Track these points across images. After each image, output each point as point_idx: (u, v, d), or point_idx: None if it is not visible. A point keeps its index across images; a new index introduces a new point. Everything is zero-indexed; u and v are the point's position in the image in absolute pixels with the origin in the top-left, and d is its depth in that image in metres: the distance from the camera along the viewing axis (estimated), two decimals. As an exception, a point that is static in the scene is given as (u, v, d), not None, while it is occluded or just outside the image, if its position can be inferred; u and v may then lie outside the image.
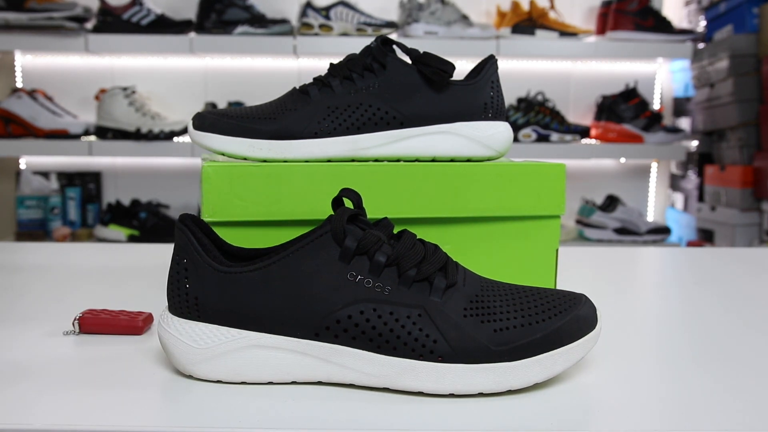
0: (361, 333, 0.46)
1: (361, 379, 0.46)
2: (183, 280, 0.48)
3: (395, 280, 0.46)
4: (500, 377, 0.45)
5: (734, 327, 0.64)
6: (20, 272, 0.86)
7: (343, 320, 0.46)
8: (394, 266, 0.47)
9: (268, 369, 0.47)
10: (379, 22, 2.22)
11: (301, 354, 0.47)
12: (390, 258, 0.46)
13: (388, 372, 0.46)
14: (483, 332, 0.46)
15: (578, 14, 2.51)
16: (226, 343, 0.47)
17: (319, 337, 0.46)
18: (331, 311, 0.46)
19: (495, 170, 0.64)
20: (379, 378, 0.46)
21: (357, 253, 0.46)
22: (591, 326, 0.48)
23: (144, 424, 0.41)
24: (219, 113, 0.61)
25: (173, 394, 0.46)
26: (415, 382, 0.45)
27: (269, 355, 0.47)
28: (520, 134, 2.30)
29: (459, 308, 0.46)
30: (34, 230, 2.35)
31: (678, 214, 2.57)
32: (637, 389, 0.48)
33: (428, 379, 0.45)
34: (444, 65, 0.61)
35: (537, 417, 0.43)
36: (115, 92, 2.23)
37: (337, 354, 0.46)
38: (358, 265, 0.46)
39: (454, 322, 0.46)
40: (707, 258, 1.06)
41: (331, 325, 0.46)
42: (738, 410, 0.44)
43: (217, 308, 0.47)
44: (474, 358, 0.45)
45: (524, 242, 0.66)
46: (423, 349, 0.45)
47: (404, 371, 0.45)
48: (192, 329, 0.48)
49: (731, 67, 2.18)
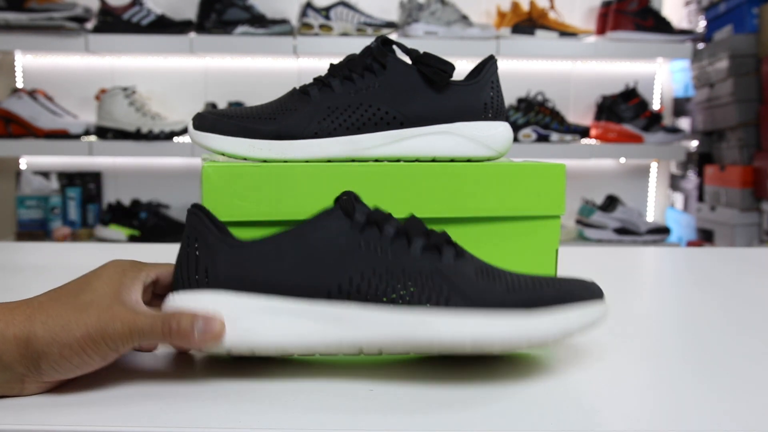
0: (374, 291, 0.46)
1: (376, 338, 0.45)
2: (193, 256, 0.47)
3: (406, 248, 0.47)
4: (519, 325, 0.45)
5: (734, 327, 0.64)
6: (20, 272, 0.86)
7: (356, 279, 0.46)
8: (404, 236, 0.48)
9: (279, 334, 0.46)
10: (379, 22, 2.22)
11: (312, 317, 0.46)
12: (399, 229, 0.48)
13: (402, 327, 0.45)
14: (496, 287, 0.46)
15: (578, 14, 2.51)
16: (235, 308, 0.46)
17: (331, 297, 0.46)
18: (343, 272, 0.46)
19: (495, 170, 0.64)
20: (393, 335, 0.45)
21: (367, 224, 0.48)
22: (600, 294, 0.48)
23: (143, 424, 0.41)
24: (219, 113, 0.61)
25: (173, 394, 0.46)
26: (432, 333, 0.45)
27: (280, 321, 0.46)
28: (520, 134, 2.30)
29: (470, 271, 0.47)
30: (35, 230, 2.35)
31: (678, 214, 2.57)
32: (637, 389, 0.48)
33: (446, 329, 0.45)
34: (444, 65, 0.61)
35: (535, 417, 0.43)
36: (116, 92, 2.23)
37: (350, 313, 0.45)
38: (369, 235, 0.47)
39: (468, 278, 0.46)
40: (707, 258, 1.06)
41: (343, 284, 0.46)
42: (738, 410, 0.44)
43: (226, 275, 0.47)
44: (491, 309, 0.45)
45: (524, 242, 0.66)
46: (438, 301, 0.45)
47: (420, 324, 0.45)
48: (200, 298, 0.47)
49: (731, 67, 2.18)
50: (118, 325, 0.44)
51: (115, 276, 0.47)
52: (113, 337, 0.44)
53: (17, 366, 0.43)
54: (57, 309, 0.44)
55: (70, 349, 0.43)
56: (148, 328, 0.44)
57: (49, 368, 0.43)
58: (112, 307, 0.44)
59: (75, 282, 0.47)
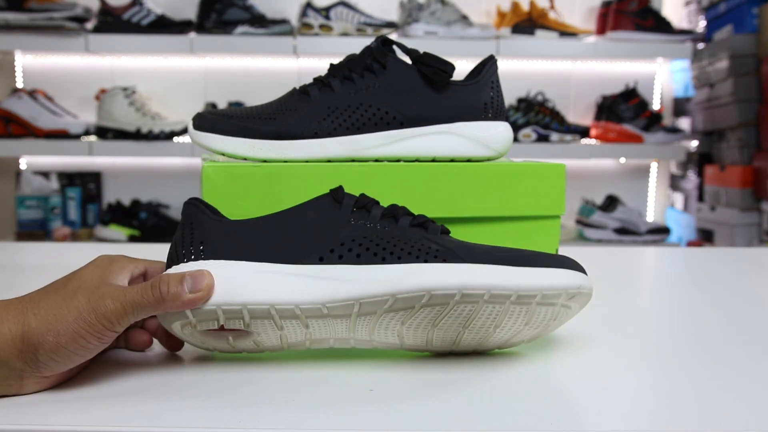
0: (365, 250, 0.47)
1: (366, 290, 0.46)
2: (188, 234, 0.49)
3: (393, 225, 0.50)
4: (508, 274, 0.46)
5: (734, 327, 0.64)
6: (20, 272, 0.86)
7: (347, 242, 0.48)
8: (391, 216, 0.50)
9: (270, 291, 0.46)
10: (379, 22, 2.22)
11: (304, 277, 0.47)
12: (386, 212, 0.50)
13: (394, 276, 0.46)
14: (485, 248, 0.48)
15: (578, 14, 2.52)
16: (228, 268, 0.47)
17: (323, 261, 0.47)
18: (334, 240, 0.48)
19: (495, 170, 0.64)
20: (384, 283, 0.46)
21: (356, 207, 0.50)
22: (582, 270, 0.49)
23: (143, 424, 0.41)
24: (219, 113, 0.61)
25: (173, 394, 0.46)
26: (423, 279, 0.46)
27: (272, 278, 0.47)
28: (520, 134, 2.30)
29: (457, 240, 0.50)
30: (35, 230, 2.35)
31: (678, 214, 2.57)
32: (636, 390, 0.48)
33: (436, 276, 0.46)
34: (444, 65, 0.61)
35: (535, 417, 0.43)
36: (116, 92, 2.23)
37: (342, 272, 0.47)
38: (358, 215, 0.50)
39: (455, 242, 0.49)
40: (707, 258, 1.06)
41: (336, 247, 0.48)
42: (738, 410, 0.44)
43: (221, 246, 0.48)
44: (479, 260, 0.47)
45: (524, 242, 0.66)
46: (428, 255, 0.47)
47: (410, 273, 0.46)
48: (193, 266, 0.47)
49: (731, 67, 2.18)
50: (108, 302, 0.44)
51: (102, 264, 0.48)
52: (106, 314, 0.44)
53: (15, 361, 0.43)
54: (47, 300, 0.45)
55: (66, 336, 0.43)
56: (139, 297, 0.45)
57: (47, 359, 0.43)
58: (100, 288, 0.45)
59: (64, 276, 0.48)
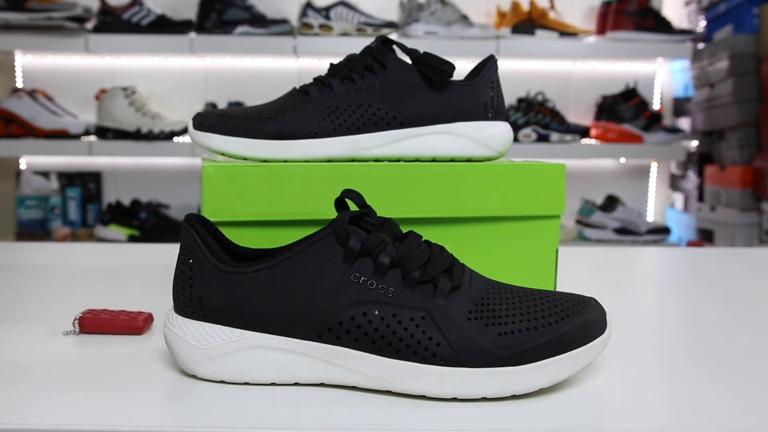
0: (364, 335, 0.45)
1: (363, 382, 0.46)
2: (188, 280, 0.48)
3: (399, 281, 0.46)
4: (504, 382, 0.45)
5: (734, 327, 0.64)
6: (20, 272, 0.86)
7: (346, 322, 0.46)
8: (398, 268, 0.46)
9: (271, 369, 0.47)
10: (379, 22, 2.22)
11: (303, 355, 0.47)
12: (394, 259, 0.46)
13: (390, 375, 0.45)
14: (487, 336, 0.45)
15: (578, 14, 2.51)
16: (230, 343, 0.47)
17: (321, 339, 0.46)
18: (333, 313, 0.46)
19: (495, 170, 0.64)
20: (381, 380, 0.46)
21: (361, 255, 0.46)
22: (600, 331, 0.47)
23: (144, 424, 0.41)
24: (219, 113, 0.61)
25: (174, 394, 0.46)
26: (418, 385, 0.45)
27: (272, 356, 0.47)
28: (520, 134, 2.30)
29: (464, 311, 0.46)
30: (34, 230, 2.35)
31: (678, 214, 2.57)
32: (637, 390, 0.48)
33: (431, 383, 0.45)
34: (444, 65, 0.61)
35: (538, 420, 0.43)
36: (116, 92, 2.23)
37: (340, 356, 0.46)
38: (362, 267, 0.46)
39: (458, 325, 0.45)
40: (707, 258, 1.06)
41: (334, 326, 0.46)
42: (740, 411, 0.44)
43: (220, 308, 0.47)
44: (477, 363, 0.45)
45: (524, 242, 0.66)
46: (426, 352, 0.45)
47: (406, 374, 0.45)
48: (196, 329, 0.48)
49: (731, 67, 2.18)
50: None
51: None
52: None
53: None
54: None
55: None
56: None
57: None
58: None
59: None
